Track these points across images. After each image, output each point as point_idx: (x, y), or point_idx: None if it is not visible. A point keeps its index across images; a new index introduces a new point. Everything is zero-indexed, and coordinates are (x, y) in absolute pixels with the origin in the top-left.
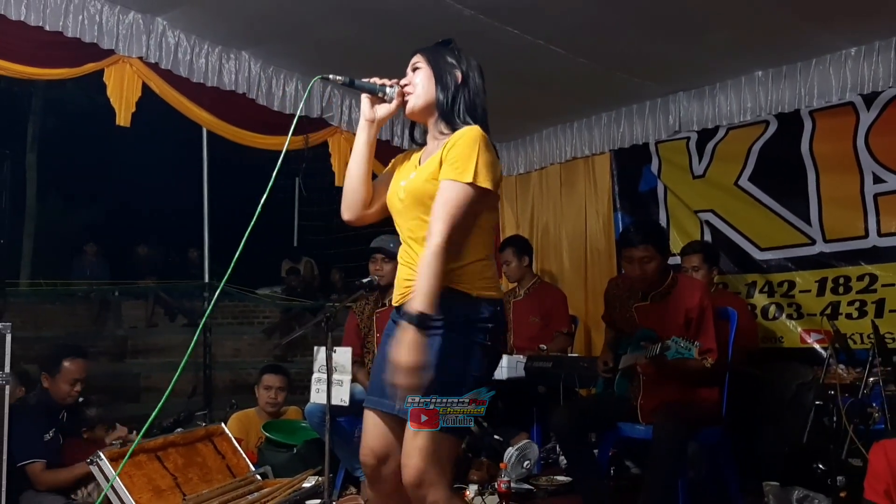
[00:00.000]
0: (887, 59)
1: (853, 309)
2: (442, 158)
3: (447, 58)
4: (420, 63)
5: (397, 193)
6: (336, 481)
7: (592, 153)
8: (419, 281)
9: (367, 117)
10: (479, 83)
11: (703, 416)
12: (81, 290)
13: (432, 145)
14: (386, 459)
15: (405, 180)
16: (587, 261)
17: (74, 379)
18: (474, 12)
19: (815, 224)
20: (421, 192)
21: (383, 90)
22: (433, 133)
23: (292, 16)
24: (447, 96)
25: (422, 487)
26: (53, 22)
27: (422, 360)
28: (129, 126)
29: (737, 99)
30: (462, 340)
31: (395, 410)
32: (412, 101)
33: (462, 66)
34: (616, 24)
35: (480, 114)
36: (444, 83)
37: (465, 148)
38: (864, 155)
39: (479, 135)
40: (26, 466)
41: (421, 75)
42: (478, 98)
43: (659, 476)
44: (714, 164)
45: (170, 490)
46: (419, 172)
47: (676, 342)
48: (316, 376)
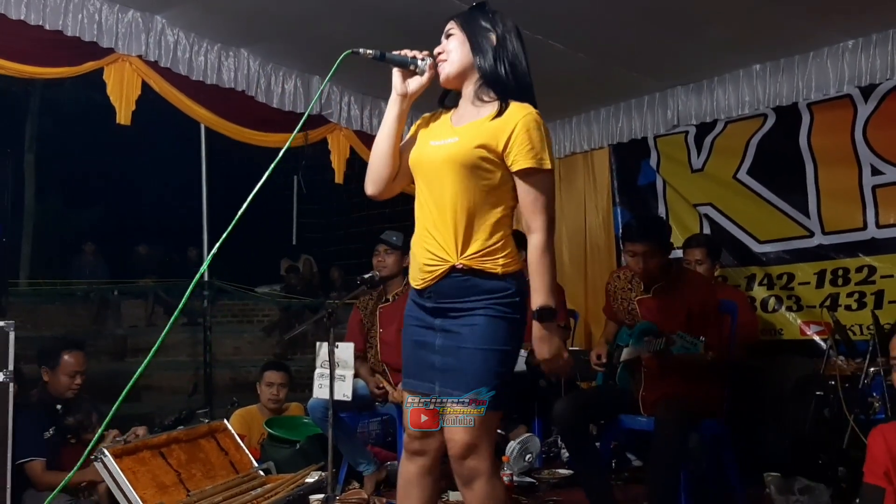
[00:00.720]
0: (884, 51)
1: (852, 301)
2: (510, 142)
3: (481, 21)
4: (453, 29)
5: (428, 154)
6: (339, 476)
7: (591, 148)
8: (536, 278)
9: (399, 91)
10: (516, 45)
11: (705, 409)
12: (81, 289)
13: (468, 110)
14: (431, 434)
15: (438, 141)
16: (587, 256)
17: (74, 371)
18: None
19: (813, 216)
20: (467, 157)
21: (415, 63)
22: (471, 99)
23: (291, 13)
24: (485, 60)
25: (468, 458)
26: (53, 21)
27: (559, 349)
28: (129, 124)
29: (735, 92)
30: (495, 319)
31: (434, 392)
32: (447, 69)
33: (498, 29)
34: (614, 18)
35: (525, 78)
36: (479, 47)
37: (536, 133)
38: (862, 147)
39: (539, 118)
40: (25, 465)
41: (454, 41)
42: (517, 60)
43: (661, 467)
44: (712, 157)
45: (173, 486)
46: (462, 136)
47: (682, 337)
48: (318, 371)
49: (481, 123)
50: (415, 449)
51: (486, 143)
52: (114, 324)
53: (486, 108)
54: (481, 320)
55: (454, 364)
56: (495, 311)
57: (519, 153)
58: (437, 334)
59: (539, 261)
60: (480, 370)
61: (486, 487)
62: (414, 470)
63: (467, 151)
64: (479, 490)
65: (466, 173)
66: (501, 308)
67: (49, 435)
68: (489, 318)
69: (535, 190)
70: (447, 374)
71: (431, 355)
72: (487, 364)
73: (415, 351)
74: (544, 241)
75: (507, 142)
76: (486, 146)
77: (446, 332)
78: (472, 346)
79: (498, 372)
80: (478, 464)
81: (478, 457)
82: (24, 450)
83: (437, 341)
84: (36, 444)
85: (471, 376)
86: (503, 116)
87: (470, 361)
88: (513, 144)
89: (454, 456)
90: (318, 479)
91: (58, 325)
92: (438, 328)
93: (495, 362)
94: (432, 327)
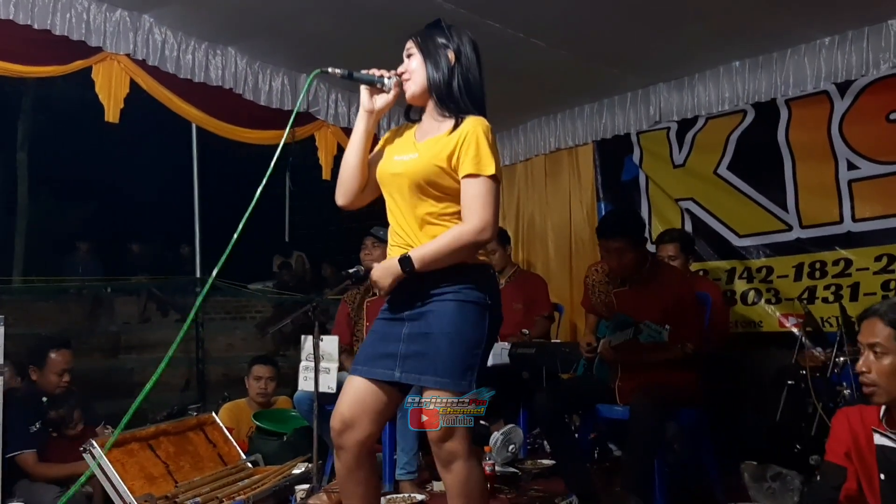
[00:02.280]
0: (860, 48)
1: (829, 293)
2: (458, 152)
3: (438, 38)
4: (412, 49)
5: (392, 168)
6: (325, 467)
7: (576, 144)
8: (434, 242)
9: (367, 108)
10: (472, 59)
11: (681, 398)
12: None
13: (431, 125)
14: (352, 426)
15: (402, 156)
16: (572, 250)
17: (62, 369)
18: (454, 6)
19: (791, 211)
20: (425, 173)
21: (381, 81)
22: (433, 114)
23: (277, 11)
24: (441, 78)
25: (446, 441)
26: (41, 20)
27: (381, 277)
28: (117, 122)
29: (715, 89)
30: (464, 305)
31: (394, 377)
32: (410, 88)
33: (453, 45)
34: (594, 16)
35: (477, 92)
36: (436, 65)
37: (482, 141)
38: (839, 142)
39: (488, 128)
40: (17, 457)
41: (416, 61)
42: (471, 74)
43: (636, 454)
44: (693, 153)
45: (162, 477)
46: (422, 152)
47: (648, 326)
48: (304, 364)
49: (439, 139)
50: (337, 444)
51: (442, 157)
52: (107, 321)
53: (446, 124)
54: (451, 306)
55: (421, 350)
56: (465, 296)
57: (464, 160)
58: (404, 324)
59: (451, 237)
60: (447, 355)
61: (464, 468)
62: (341, 466)
63: (425, 167)
64: (458, 471)
65: (426, 185)
66: (470, 292)
67: (35, 430)
68: (458, 304)
69: (472, 193)
70: (413, 359)
71: (394, 345)
72: (455, 349)
73: (375, 343)
74: (469, 232)
75: (458, 152)
76: (443, 160)
77: (415, 321)
78: (440, 331)
79: (466, 357)
80: (455, 446)
81: (455, 440)
82: (15, 443)
83: (405, 330)
84: (25, 438)
85: (439, 361)
86: (457, 130)
87: (437, 346)
88: (460, 152)
89: (433, 439)
90: (305, 470)
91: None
92: (407, 318)
93: (466, 347)
94: (401, 319)
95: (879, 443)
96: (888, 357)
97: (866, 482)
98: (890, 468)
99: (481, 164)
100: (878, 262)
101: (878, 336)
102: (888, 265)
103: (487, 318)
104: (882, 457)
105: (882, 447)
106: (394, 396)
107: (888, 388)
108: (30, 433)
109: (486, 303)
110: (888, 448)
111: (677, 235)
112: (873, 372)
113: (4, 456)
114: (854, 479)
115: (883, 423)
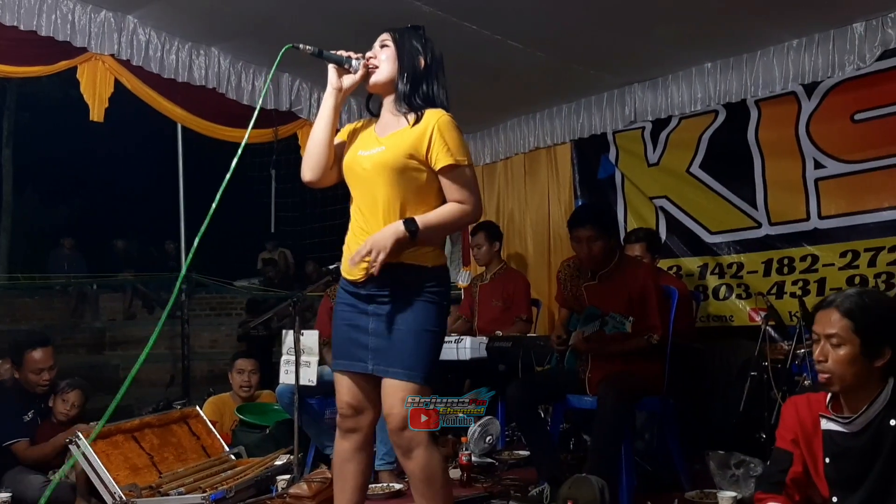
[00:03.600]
0: (826, 50)
1: (797, 288)
2: (428, 145)
3: (414, 42)
4: (388, 41)
5: (359, 163)
6: (307, 459)
7: (554, 143)
8: (436, 212)
9: (335, 86)
10: (438, 74)
11: (645, 387)
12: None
13: (391, 120)
14: (362, 411)
15: (366, 151)
16: (550, 246)
17: (40, 368)
18: (434, 9)
19: (761, 208)
20: (395, 164)
21: (349, 62)
22: (391, 109)
23: (259, 12)
24: (407, 79)
25: (406, 430)
26: (27, 21)
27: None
28: (102, 122)
29: (688, 89)
30: (426, 304)
31: (368, 370)
32: (375, 76)
33: (426, 55)
34: (570, 19)
35: (441, 99)
36: (406, 66)
37: (450, 133)
38: (806, 142)
39: (452, 119)
40: (12, 446)
41: (387, 53)
42: (435, 86)
43: (603, 439)
44: (667, 152)
45: (146, 468)
46: (388, 146)
47: (613, 317)
48: (285, 358)
49: (404, 132)
50: (348, 427)
51: (411, 148)
52: (92, 317)
53: (405, 119)
54: (417, 305)
55: (388, 344)
56: (426, 297)
57: (438, 154)
58: (370, 318)
59: (452, 211)
60: (413, 349)
61: (423, 455)
62: (348, 447)
63: (396, 157)
64: (418, 458)
65: (396, 177)
66: (431, 295)
67: (28, 418)
68: (421, 303)
69: (456, 184)
70: (381, 353)
71: (364, 336)
72: (419, 343)
73: (347, 333)
74: (470, 210)
75: (427, 146)
76: (412, 151)
77: (379, 316)
78: (405, 328)
79: (429, 351)
80: (414, 434)
81: None
82: (9, 432)
83: (371, 325)
84: (18, 427)
85: (405, 354)
86: (420, 123)
87: (402, 341)
88: (432, 147)
89: (393, 428)
90: (287, 461)
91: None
92: (372, 313)
93: (426, 342)
94: (365, 312)
95: (826, 427)
96: (844, 347)
97: (812, 466)
98: (835, 451)
99: (458, 154)
100: (843, 258)
101: (835, 327)
102: (853, 261)
103: (444, 318)
104: (828, 440)
105: (828, 431)
106: (375, 384)
107: (843, 377)
108: (23, 422)
109: (444, 304)
110: (834, 432)
111: (643, 235)
112: (830, 361)
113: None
114: (800, 462)
115: (829, 409)
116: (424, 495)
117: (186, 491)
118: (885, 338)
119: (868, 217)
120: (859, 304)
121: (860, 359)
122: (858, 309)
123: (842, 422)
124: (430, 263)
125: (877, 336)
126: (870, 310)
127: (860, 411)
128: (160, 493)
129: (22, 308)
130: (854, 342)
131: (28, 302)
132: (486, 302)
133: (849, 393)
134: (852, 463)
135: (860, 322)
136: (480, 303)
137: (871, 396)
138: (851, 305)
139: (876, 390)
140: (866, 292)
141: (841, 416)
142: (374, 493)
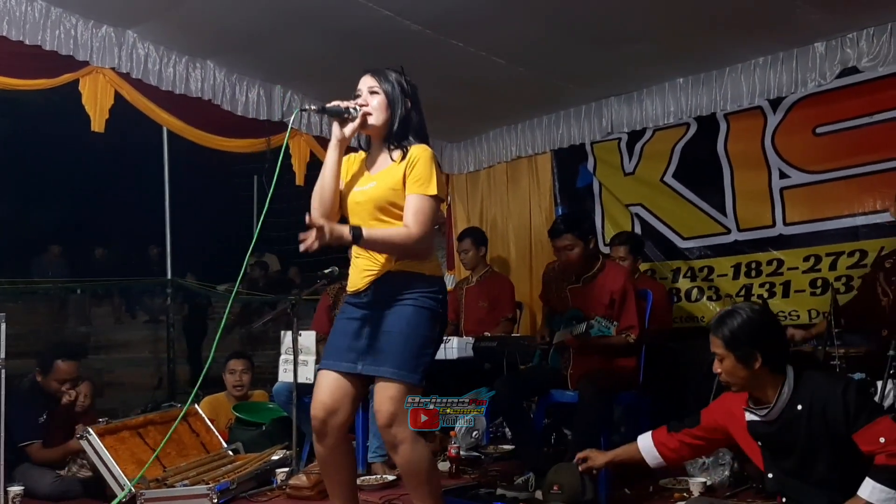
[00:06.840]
0: (790, 67)
1: (764, 290)
2: (405, 174)
3: (400, 87)
4: (377, 89)
5: (354, 199)
6: (303, 454)
7: (535, 153)
8: (385, 230)
9: (339, 137)
10: (419, 108)
11: (622, 382)
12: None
13: (380, 156)
14: (335, 412)
15: (362, 187)
16: (532, 251)
17: (64, 379)
18: (421, 27)
19: (730, 215)
20: (385, 197)
21: (349, 112)
22: (381, 147)
23: (254, 29)
24: (399, 124)
25: (392, 427)
26: (32, 36)
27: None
28: (103, 132)
29: (661, 103)
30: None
31: (356, 370)
32: (371, 121)
33: (409, 94)
34: (550, 36)
35: (422, 133)
36: (396, 112)
37: (427, 166)
38: (771, 153)
39: (432, 154)
40: (27, 447)
41: (378, 100)
42: (418, 122)
43: (583, 430)
44: (642, 162)
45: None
46: (379, 181)
47: (599, 321)
48: (283, 357)
49: (391, 169)
50: (319, 430)
51: (397, 182)
52: (76, 322)
53: (394, 154)
54: (409, 310)
55: (379, 346)
56: (421, 303)
57: (411, 182)
58: (365, 322)
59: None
60: (403, 350)
61: (410, 449)
62: (323, 451)
63: (384, 192)
64: (405, 452)
65: (387, 206)
66: (425, 300)
67: (42, 420)
68: (416, 308)
69: (411, 210)
70: (372, 354)
71: (357, 339)
72: (410, 345)
73: (341, 336)
74: (413, 237)
75: (406, 174)
76: (398, 184)
77: (374, 320)
78: (397, 330)
79: (419, 353)
80: (400, 431)
81: (401, 425)
82: (25, 433)
83: (365, 328)
84: (34, 428)
85: (395, 355)
86: (406, 158)
87: (393, 342)
88: (409, 175)
89: (381, 425)
90: (284, 456)
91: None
92: (367, 317)
93: (417, 344)
94: (362, 317)
95: (749, 419)
96: (726, 360)
97: (749, 451)
98: (762, 437)
99: (426, 185)
100: (806, 262)
101: (714, 346)
102: (815, 265)
103: (438, 325)
104: (753, 430)
105: (751, 422)
106: (359, 385)
107: (734, 382)
108: (38, 423)
109: (439, 311)
110: (757, 422)
111: (626, 238)
112: (722, 372)
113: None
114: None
115: (749, 404)
116: (412, 485)
117: (191, 483)
118: (751, 346)
119: (829, 224)
120: (723, 324)
121: (739, 366)
122: (723, 328)
123: (760, 414)
124: (428, 272)
125: (741, 346)
126: (730, 326)
127: (771, 404)
128: (166, 486)
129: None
130: (729, 355)
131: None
132: (472, 304)
133: (751, 391)
134: (777, 445)
135: (727, 339)
136: (467, 305)
137: (776, 390)
138: (719, 325)
139: (777, 384)
140: (731, 311)
141: (757, 409)
142: (368, 484)
